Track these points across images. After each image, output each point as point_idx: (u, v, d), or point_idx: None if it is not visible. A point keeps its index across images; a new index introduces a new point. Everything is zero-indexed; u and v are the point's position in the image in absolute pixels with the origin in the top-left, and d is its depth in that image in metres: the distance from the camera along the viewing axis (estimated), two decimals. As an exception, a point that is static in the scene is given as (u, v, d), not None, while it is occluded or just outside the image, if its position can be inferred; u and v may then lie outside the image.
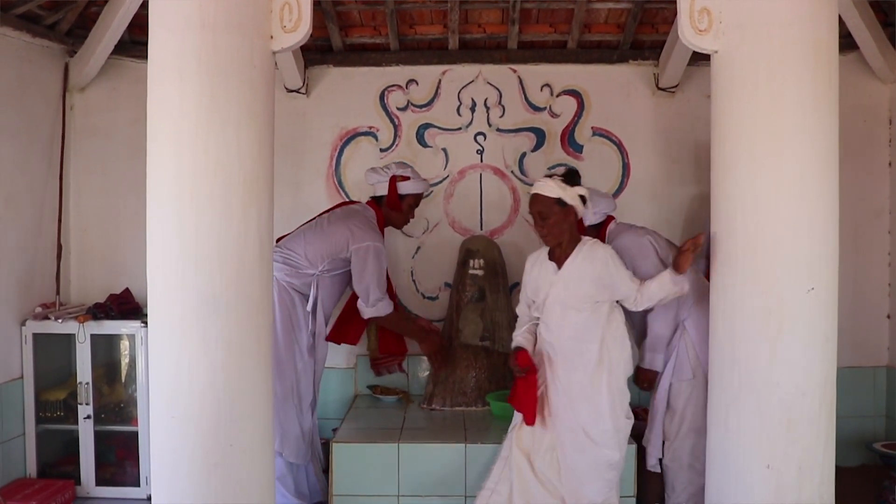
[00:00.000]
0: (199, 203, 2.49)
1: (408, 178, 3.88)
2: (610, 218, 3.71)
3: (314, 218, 3.92)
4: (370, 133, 4.52)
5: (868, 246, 4.44)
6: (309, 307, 3.71)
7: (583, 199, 3.09)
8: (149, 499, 3.49)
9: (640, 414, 3.72)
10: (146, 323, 3.81)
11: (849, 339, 3.86)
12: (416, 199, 3.98)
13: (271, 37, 2.64)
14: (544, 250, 3.24)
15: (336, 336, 3.96)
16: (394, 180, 3.85)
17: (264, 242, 2.61)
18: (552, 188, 3.04)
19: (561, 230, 3.09)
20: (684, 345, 3.46)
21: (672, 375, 3.49)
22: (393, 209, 3.90)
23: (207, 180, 2.49)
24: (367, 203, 3.96)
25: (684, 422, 3.47)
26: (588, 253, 3.10)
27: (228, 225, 2.49)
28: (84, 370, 3.96)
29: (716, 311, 2.79)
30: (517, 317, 3.37)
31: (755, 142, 2.62)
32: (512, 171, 4.51)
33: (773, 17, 2.57)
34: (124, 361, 4.25)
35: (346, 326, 3.97)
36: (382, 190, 3.88)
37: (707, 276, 2.98)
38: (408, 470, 3.45)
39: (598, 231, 3.65)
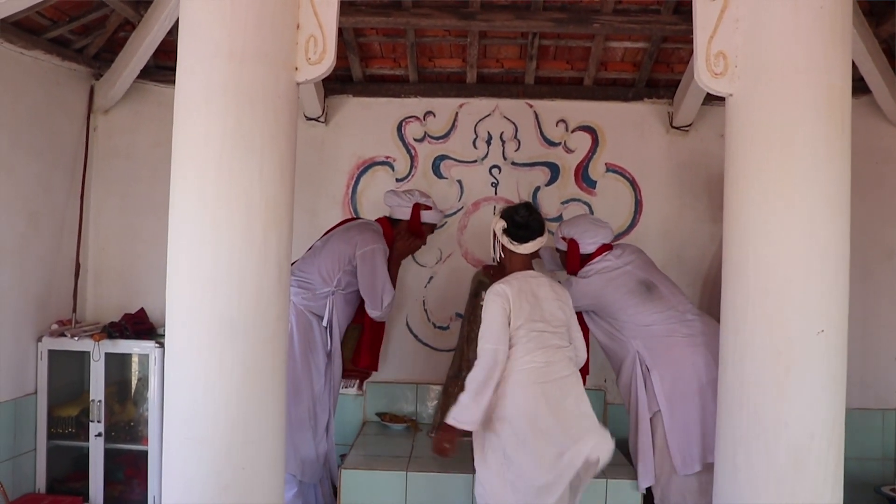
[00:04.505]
0: (220, 228, 2.53)
1: (430, 208, 3.96)
2: (604, 247, 3.74)
3: (320, 238, 3.99)
4: (387, 163, 4.58)
5: (878, 288, 4.45)
6: (325, 322, 3.77)
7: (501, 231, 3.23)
8: (156, 518, 3.54)
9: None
10: (160, 343, 3.92)
11: (858, 380, 3.87)
12: (433, 227, 4.11)
13: (296, 68, 2.69)
14: None
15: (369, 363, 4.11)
16: (417, 208, 3.92)
17: (283, 268, 2.65)
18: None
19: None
20: (640, 376, 3.53)
21: (648, 411, 3.53)
22: (415, 234, 3.98)
23: (230, 206, 2.53)
24: (378, 220, 4.03)
25: (665, 461, 3.48)
26: None
27: (249, 250, 2.53)
28: (97, 388, 4.00)
29: (725, 351, 2.80)
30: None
31: (768, 183, 2.65)
32: (526, 205, 4.56)
33: (789, 63, 2.61)
34: (137, 381, 4.29)
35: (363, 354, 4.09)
36: (401, 214, 3.96)
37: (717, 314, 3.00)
38: (416, 498, 3.46)
39: (587, 259, 3.72)
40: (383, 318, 3.92)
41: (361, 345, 4.12)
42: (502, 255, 3.27)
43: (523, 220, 3.21)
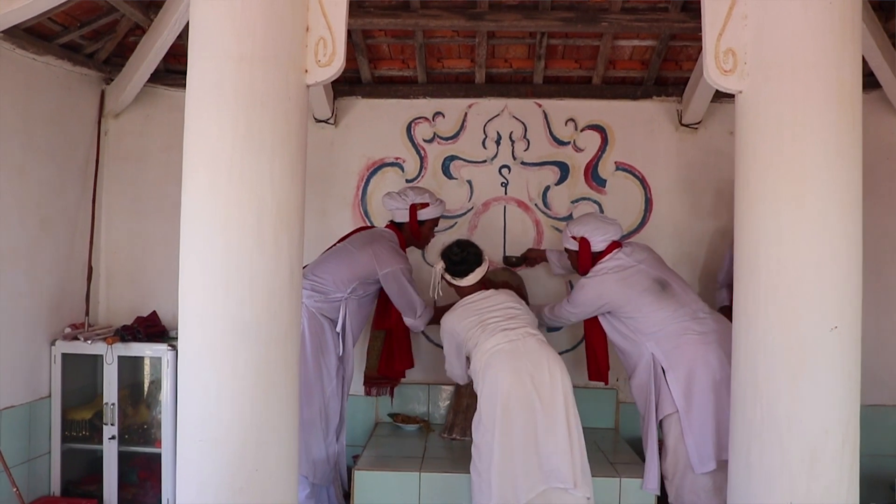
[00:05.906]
0: (232, 230, 2.53)
1: (426, 205, 3.96)
2: (614, 245, 3.75)
3: (336, 243, 3.99)
4: (396, 164, 4.59)
5: (892, 283, 4.42)
6: (338, 328, 3.78)
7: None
8: (170, 520, 3.55)
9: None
10: (173, 346, 3.94)
11: (871, 377, 3.82)
12: (436, 221, 4.12)
13: (306, 70, 2.69)
14: None
15: (390, 371, 4.16)
16: (414, 209, 3.92)
17: (294, 270, 2.65)
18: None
19: None
20: (653, 378, 3.54)
21: (657, 412, 3.53)
22: (414, 235, 3.98)
23: (241, 208, 2.53)
24: (388, 226, 4.04)
25: (679, 460, 3.47)
26: None
27: (261, 252, 2.53)
28: (110, 391, 4.02)
29: (738, 348, 2.79)
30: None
31: (778, 180, 2.64)
32: (536, 204, 4.56)
33: (798, 59, 2.60)
34: (149, 384, 4.31)
35: (395, 357, 4.14)
36: (402, 217, 3.96)
37: (730, 312, 2.99)
38: (429, 499, 3.47)
39: (597, 257, 3.75)
40: (418, 328, 3.99)
41: (391, 351, 4.16)
42: (452, 289, 3.68)
43: (458, 258, 3.56)
